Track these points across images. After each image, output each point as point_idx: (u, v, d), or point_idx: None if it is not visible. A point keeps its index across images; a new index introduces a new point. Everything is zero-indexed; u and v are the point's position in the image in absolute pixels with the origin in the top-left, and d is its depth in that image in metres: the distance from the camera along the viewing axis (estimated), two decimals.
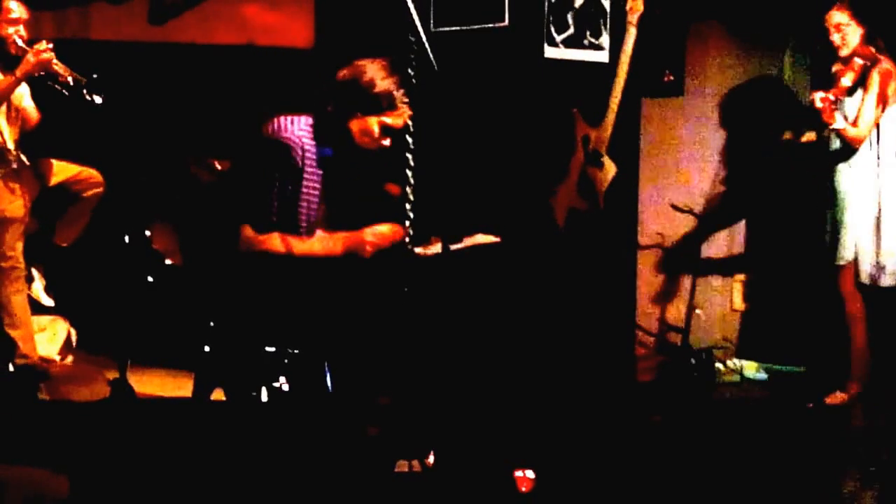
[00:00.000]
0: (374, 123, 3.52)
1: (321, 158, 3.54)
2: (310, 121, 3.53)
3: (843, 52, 4.72)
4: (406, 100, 3.51)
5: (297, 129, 3.50)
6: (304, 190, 3.52)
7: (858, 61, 4.66)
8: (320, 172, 3.55)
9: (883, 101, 4.71)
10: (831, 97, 4.62)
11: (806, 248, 5.14)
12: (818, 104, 4.62)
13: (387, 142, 3.56)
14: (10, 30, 4.72)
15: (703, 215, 5.72)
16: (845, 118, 4.70)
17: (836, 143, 4.83)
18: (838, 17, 4.70)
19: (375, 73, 3.50)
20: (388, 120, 3.51)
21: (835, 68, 4.78)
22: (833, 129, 4.70)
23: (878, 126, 4.75)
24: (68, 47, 4.90)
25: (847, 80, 4.67)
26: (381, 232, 3.63)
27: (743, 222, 5.80)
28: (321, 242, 3.59)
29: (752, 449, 4.37)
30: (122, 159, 5.25)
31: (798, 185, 5.29)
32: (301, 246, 3.53)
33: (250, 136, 3.59)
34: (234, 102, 5.35)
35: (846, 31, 4.69)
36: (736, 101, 5.74)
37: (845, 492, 4.03)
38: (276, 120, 3.52)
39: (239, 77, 5.55)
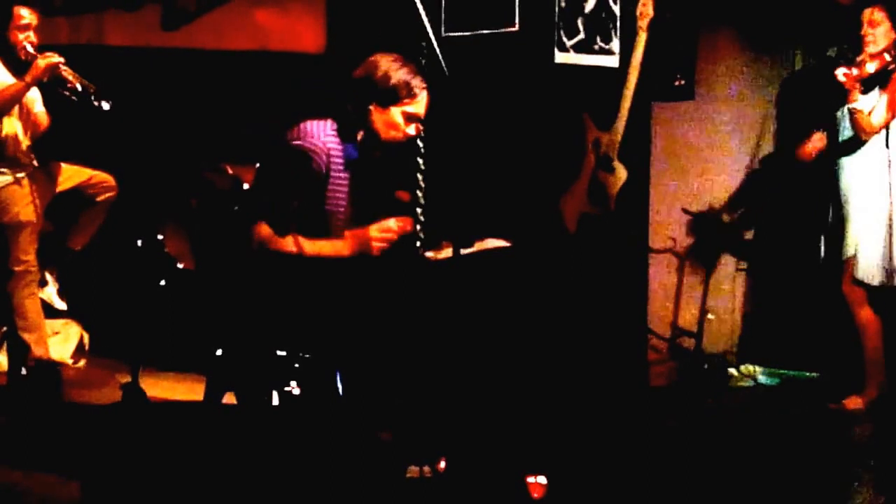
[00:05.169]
0: (396, 114, 3.54)
1: (347, 161, 3.55)
2: (335, 125, 3.55)
3: (871, 49, 4.79)
4: (424, 86, 3.54)
5: (323, 134, 3.52)
6: (331, 194, 3.53)
7: (887, 57, 4.75)
8: (347, 175, 3.57)
9: (894, 107, 4.78)
10: (854, 72, 4.72)
11: (818, 250, 5.13)
12: (841, 78, 4.72)
13: (412, 130, 3.58)
14: (21, 35, 4.74)
15: (715, 219, 5.71)
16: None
17: (846, 133, 4.87)
18: (877, 15, 4.81)
19: (389, 66, 3.53)
20: (409, 108, 3.54)
21: (860, 57, 4.81)
22: (851, 108, 4.77)
23: (888, 128, 4.80)
24: (83, 53, 4.93)
25: (871, 67, 4.76)
26: (386, 226, 3.63)
27: (755, 226, 5.79)
28: (331, 244, 3.59)
29: (764, 454, 4.36)
30: (136, 164, 5.28)
31: (809, 188, 5.28)
32: (311, 247, 3.52)
33: (274, 141, 3.59)
34: (246, 107, 5.37)
35: (879, 31, 4.79)
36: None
37: (857, 497, 4.02)
38: (300, 126, 3.53)
39: (251, 82, 5.57)
